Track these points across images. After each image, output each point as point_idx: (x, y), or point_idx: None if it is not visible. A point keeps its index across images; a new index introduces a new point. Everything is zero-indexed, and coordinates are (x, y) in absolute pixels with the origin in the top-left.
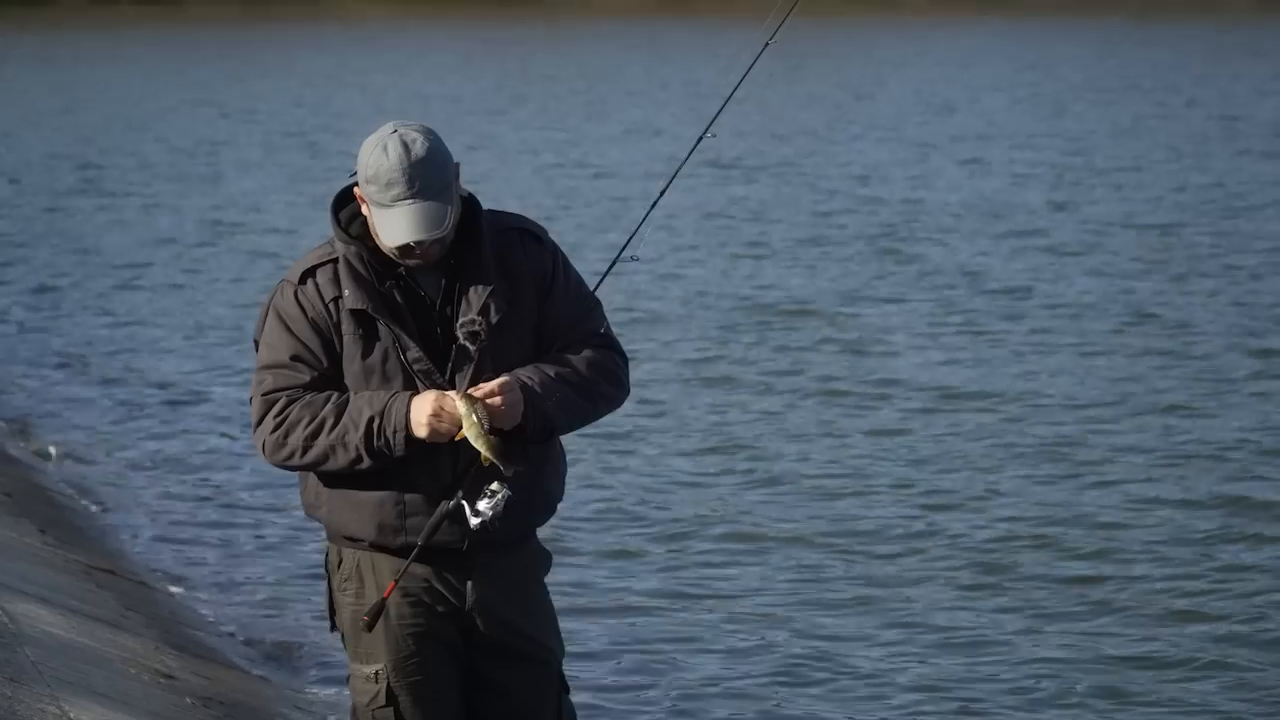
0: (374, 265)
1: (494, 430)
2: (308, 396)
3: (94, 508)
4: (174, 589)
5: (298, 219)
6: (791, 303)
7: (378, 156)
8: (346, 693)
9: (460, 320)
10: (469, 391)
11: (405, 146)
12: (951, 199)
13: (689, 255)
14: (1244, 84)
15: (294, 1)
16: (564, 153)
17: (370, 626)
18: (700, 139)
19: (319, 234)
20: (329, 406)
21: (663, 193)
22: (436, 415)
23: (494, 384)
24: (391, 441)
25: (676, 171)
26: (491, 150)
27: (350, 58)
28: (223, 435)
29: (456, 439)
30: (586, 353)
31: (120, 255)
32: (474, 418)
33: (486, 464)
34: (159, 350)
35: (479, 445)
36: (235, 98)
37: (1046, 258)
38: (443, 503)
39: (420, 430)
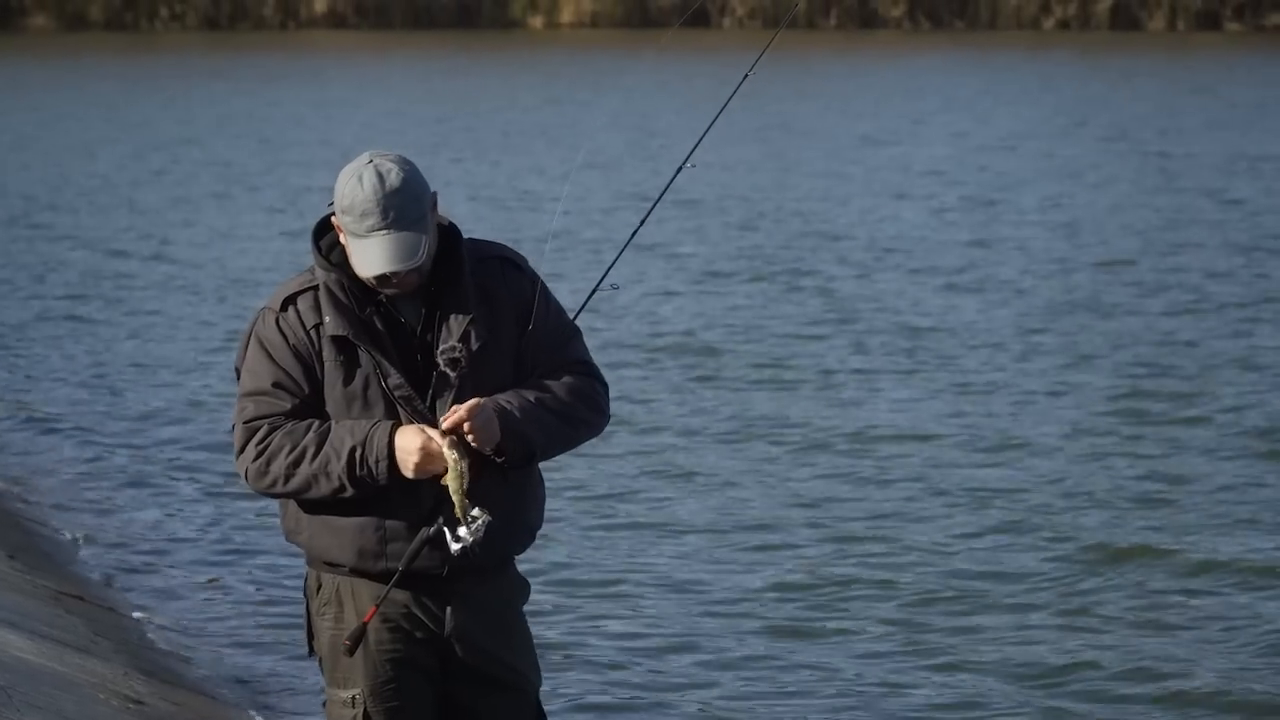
0: (354, 292)
1: (474, 456)
2: (289, 425)
3: (63, 534)
4: (142, 615)
5: (265, 249)
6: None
7: (353, 187)
8: (321, 718)
9: (440, 347)
10: (458, 440)
11: (380, 177)
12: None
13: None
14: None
15: (262, 29)
16: (535, 182)
17: (351, 651)
18: (680, 169)
19: (287, 263)
20: (310, 435)
21: (642, 222)
22: (425, 455)
23: (464, 408)
24: (374, 471)
25: (656, 201)
26: (463, 179)
27: (318, 86)
28: (196, 462)
29: (442, 482)
30: (566, 379)
31: (77, 282)
32: (459, 468)
33: (457, 511)
34: (132, 377)
35: (454, 496)
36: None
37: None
38: (424, 529)
39: (406, 470)
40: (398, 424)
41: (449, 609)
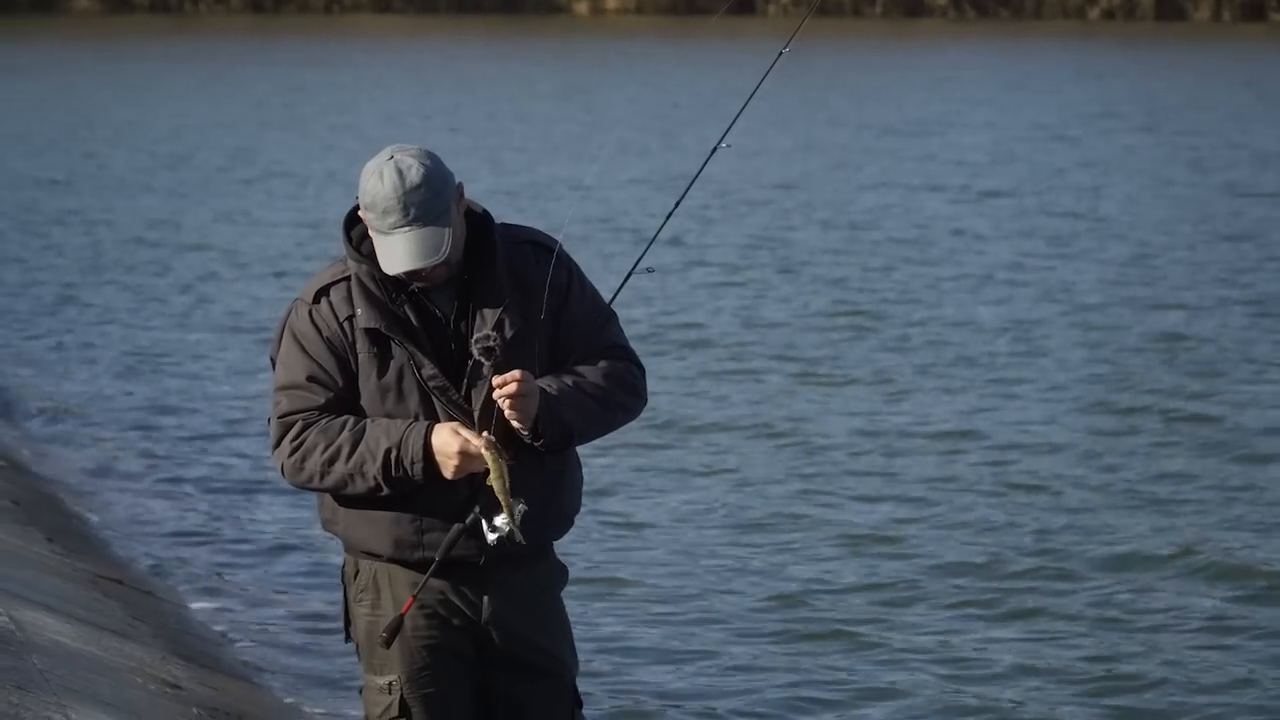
0: (386, 283)
1: (510, 444)
2: (324, 421)
3: (102, 517)
4: (182, 599)
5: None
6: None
7: (374, 184)
8: (356, 704)
9: (474, 336)
10: (495, 440)
11: (400, 174)
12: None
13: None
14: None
15: (306, 12)
16: (572, 165)
17: (388, 644)
18: (714, 150)
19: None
20: (345, 434)
21: (678, 204)
22: (464, 458)
23: (516, 374)
24: (410, 472)
25: (691, 183)
26: (500, 165)
27: (359, 70)
28: (236, 448)
29: (487, 482)
30: (603, 363)
31: (134, 261)
32: (502, 470)
33: (504, 511)
34: (172, 360)
35: (500, 497)
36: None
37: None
38: (459, 520)
39: (447, 472)
40: (432, 425)
41: (486, 597)
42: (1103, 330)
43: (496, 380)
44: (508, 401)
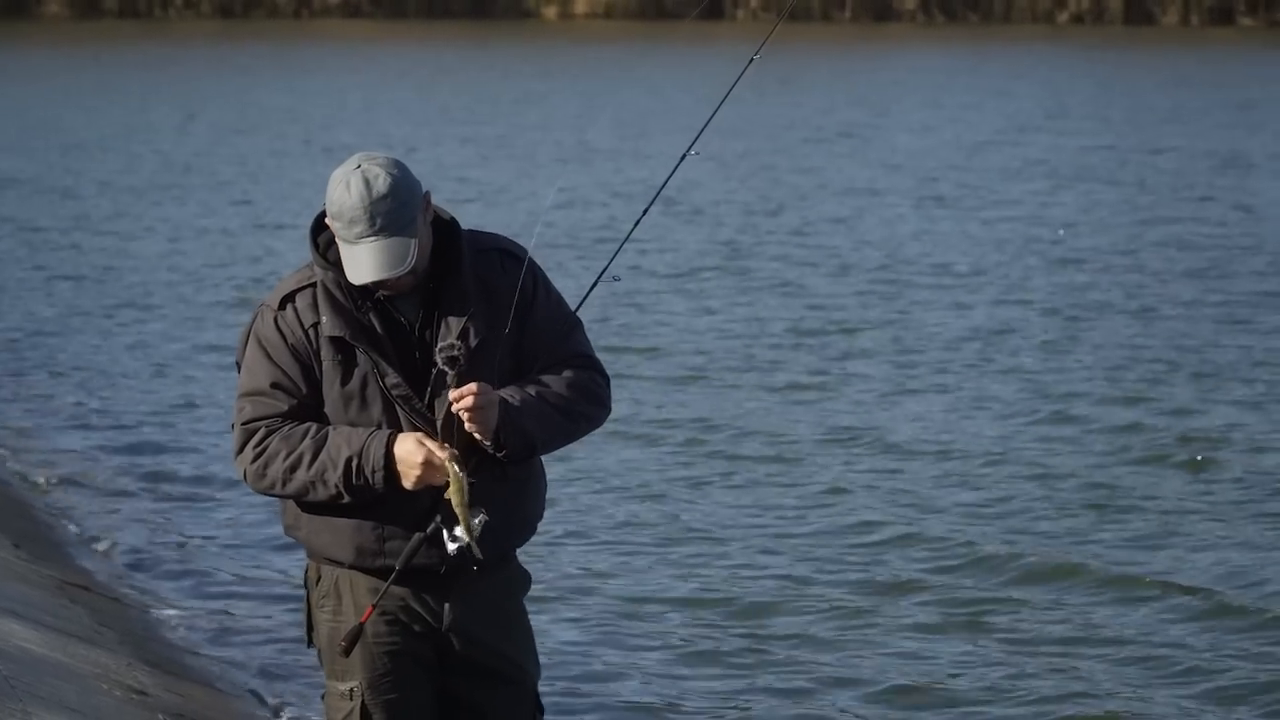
0: (352, 291)
1: (473, 455)
2: (286, 428)
3: (69, 524)
4: (148, 605)
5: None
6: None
7: (340, 193)
8: (320, 710)
9: (439, 345)
10: (459, 453)
11: (367, 183)
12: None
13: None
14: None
15: (276, 17)
16: (541, 172)
17: (348, 652)
18: (683, 158)
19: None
20: (307, 441)
21: (645, 212)
22: (427, 468)
23: (473, 387)
24: (371, 481)
25: (659, 191)
26: (468, 171)
27: (328, 75)
28: (202, 455)
29: (445, 496)
30: (567, 372)
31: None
32: (462, 485)
33: (461, 525)
34: (139, 367)
35: (458, 510)
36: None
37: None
38: (421, 529)
39: (408, 482)
40: (395, 433)
41: (447, 603)
42: (1059, 339)
43: (454, 394)
44: (466, 414)
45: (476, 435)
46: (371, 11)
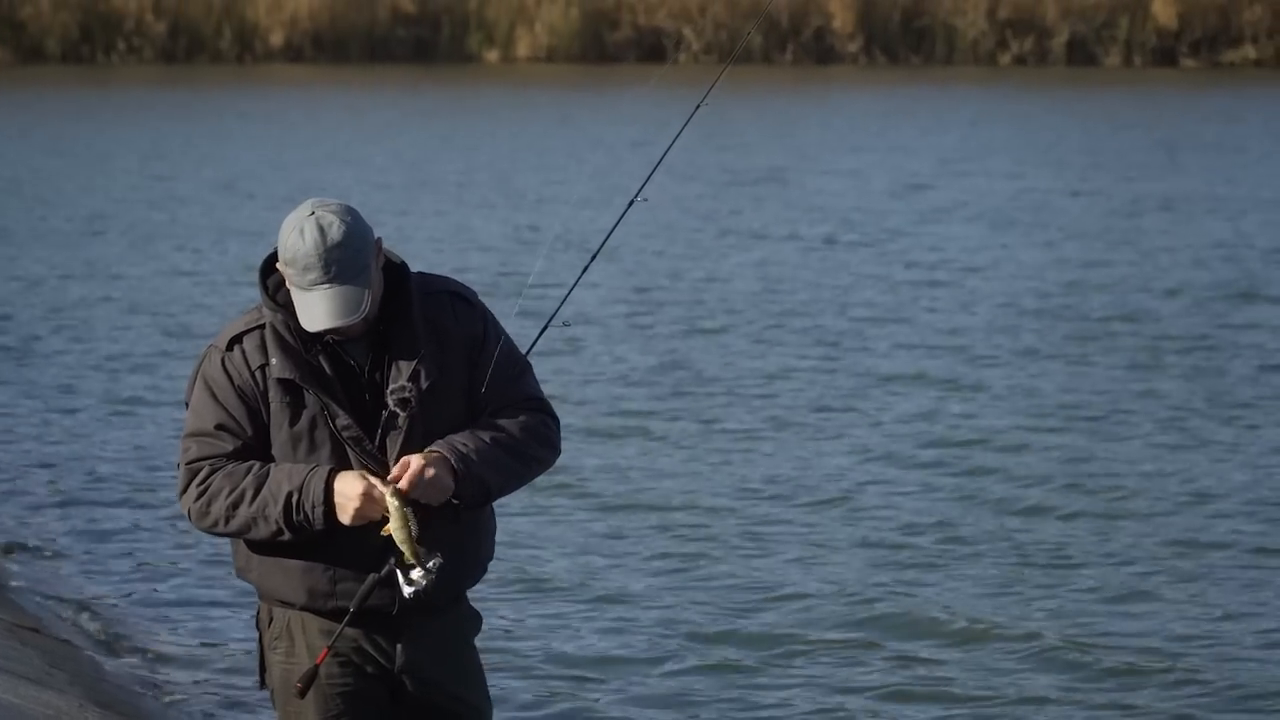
0: (301, 333)
1: (422, 507)
2: (229, 466)
3: (17, 566)
4: (99, 647)
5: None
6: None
7: (294, 240)
8: None
9: (390, 387)
10: (402, 488)
11: (321, 230)
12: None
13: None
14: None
15: (219, 62)
16: (489, 217)
17: (303, 694)
18: (631, 203)
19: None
20: (249, 478)
21: (594, 257)
22: (365, 502)
23: (414, 465)
24: (311, 517)
25: (607, 237)
26: (410, 217)
27: (273, 120)
28: (154, 497)
29: (383, 533)
30: (520, 416)
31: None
32: (405, 519)
33: (408, 558)
34: (90, 409)
35: (402, 546)
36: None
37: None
38: (374, 571)
39: (345, 516)
40: (336, 470)
41: (399, 644)
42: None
43: (394, 474)
44: (410, 488)
45: (427, 504)
46: (314, 56)
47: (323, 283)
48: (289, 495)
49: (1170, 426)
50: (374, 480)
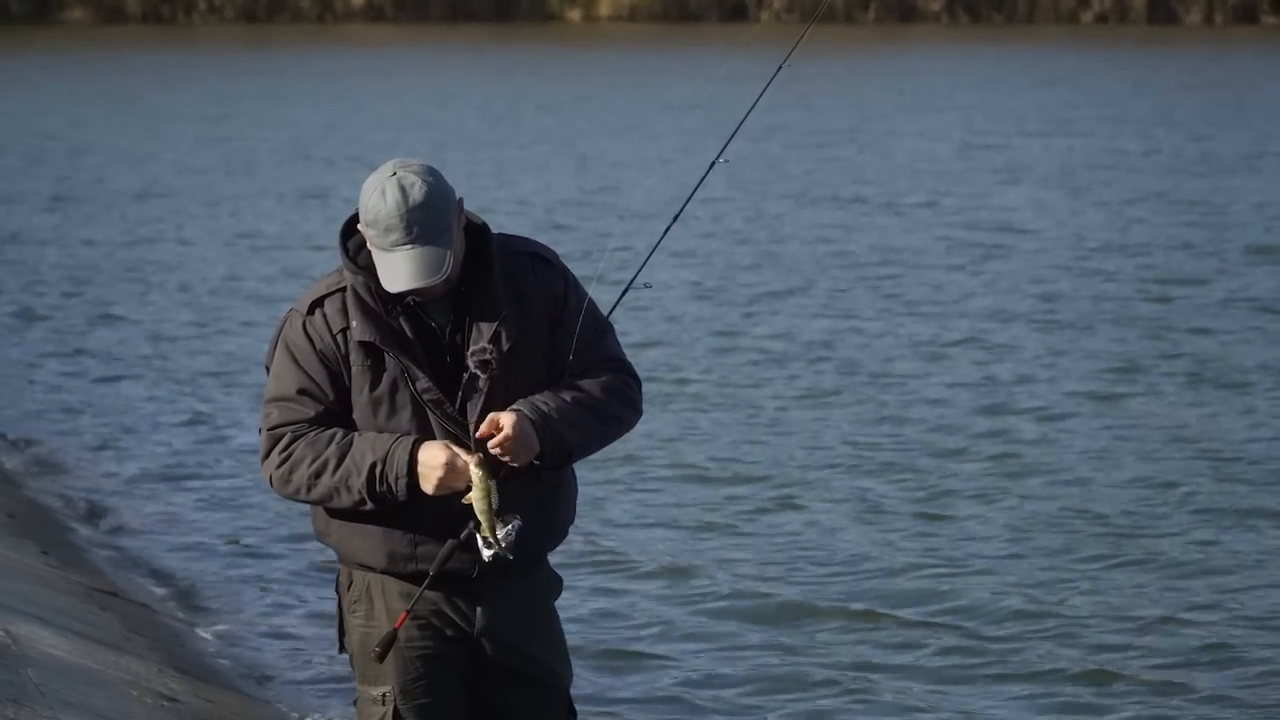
0: (382, 295)
1: (505, 467)
2: (312, 434)
3: (97, 531)
4: (177, 611)
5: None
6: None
7: (376, 200)
8: (353, 715)
9: (471, 349)
10: (486, 457)
11: (403, 191)
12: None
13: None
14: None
15: (299, 21)
16: (569, 179)
17: (381, 658)
18: (713, 165)
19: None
20: (332, 447)
21: (676, 218)
22: (449, 472)
23: (505, 424)
24: (394, 488)
25: (689, 198)
26: (494, 178)
27: (354, 81)
28: (230, 460)
29: (464, 501)
30: (601, 376)
31: (124, 274)
32: (487, 490)
33: (484, 531)
34: (162, 374)
35: (481, 517)
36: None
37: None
38: (453, 536)
39: (428, 486)
40: (420, 440)
41: (479, 608)
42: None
43: (483, 431)
44: (500, 450)
45: (515, 464)
46: (394, 15)
47: (405, 243)
48: (373, 466)
49: (1243, 390)
50: (458, 450)
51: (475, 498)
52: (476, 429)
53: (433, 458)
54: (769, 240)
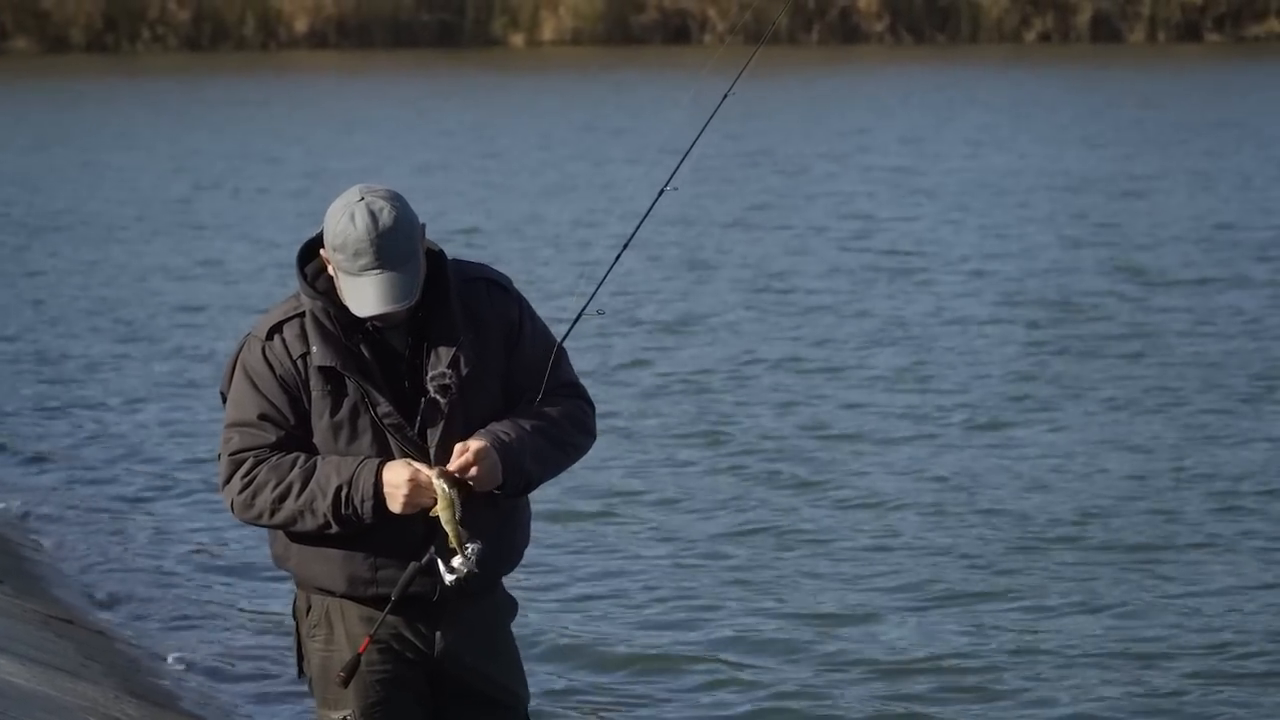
0: (341, 320)
1: (469, 493)
2: (274, 458)
3: (52, 558)
4: (133, 638)
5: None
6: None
7: (345, 225)
8: None
9: (430, 374)
10: (448, 470)
11: (373, 216)
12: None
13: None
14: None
15: (243, 49)
16: (516, 206)
17: (346, 683)
18: (661, 192)
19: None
20: (296, 471)
21: (625, 245)
22: (413, 489)
23: (470, 452)
24: (360, 510)
25: (639, 225)
26: (442, 205)
27: (298, 107)
28: (187, 486)
29: (431, 514)
30: (558, 404)
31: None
32: (451, 501)
33: (452, 542)
34: (119, 403)
35: (447, 528)
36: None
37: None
38: (414, 559)
39: (395, 505)
40: (384, 461)
41: (439, 631)
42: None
43: (453, 465)
44: (470, 477)
45: (477, 490)
46: (338, 42)
47: (374, 268)
48: (338, 489)
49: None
50: (419, 465)
51: (440, 508)
52: (436, 455)
53: (396, 475)
54: (693, 266)
